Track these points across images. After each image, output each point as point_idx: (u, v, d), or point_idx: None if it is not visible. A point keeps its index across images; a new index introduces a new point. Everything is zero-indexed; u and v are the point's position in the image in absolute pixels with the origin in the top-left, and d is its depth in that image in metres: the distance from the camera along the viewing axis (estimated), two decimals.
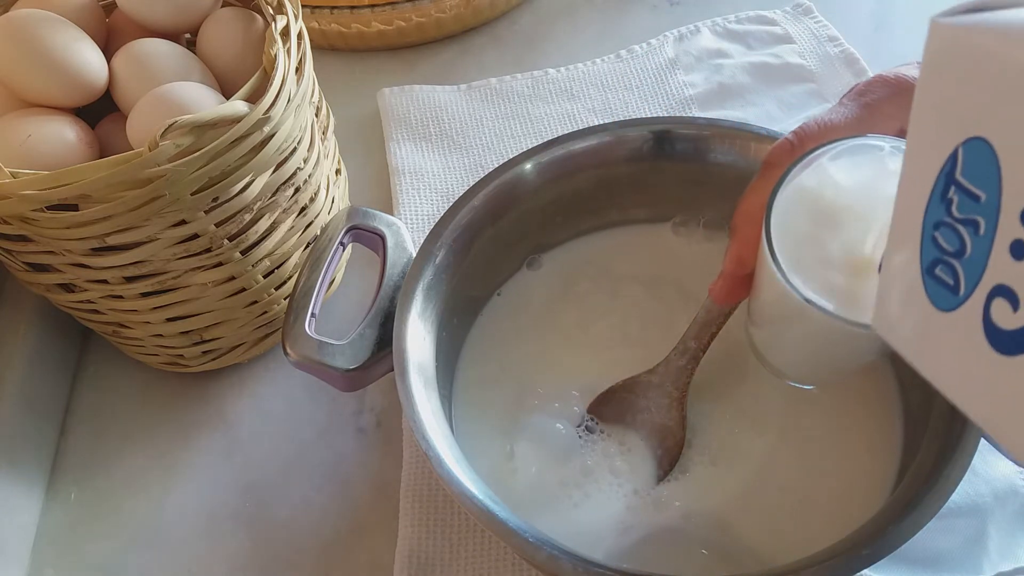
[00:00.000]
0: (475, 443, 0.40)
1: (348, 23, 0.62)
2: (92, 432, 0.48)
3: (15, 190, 0.34)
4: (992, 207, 0.19)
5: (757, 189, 0.32)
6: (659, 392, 0.40)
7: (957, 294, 0.21)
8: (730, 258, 0.33)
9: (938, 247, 0.22)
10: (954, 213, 0.21)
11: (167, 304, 0.42)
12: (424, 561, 0.40)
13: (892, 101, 0.31)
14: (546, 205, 0.45)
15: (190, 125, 0.35)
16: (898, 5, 0.65)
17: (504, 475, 0.39)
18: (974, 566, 0.38)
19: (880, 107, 0.31)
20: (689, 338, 0.39)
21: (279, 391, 0.48)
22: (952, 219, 0.21)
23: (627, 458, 0.39)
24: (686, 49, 0.62)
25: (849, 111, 0.32)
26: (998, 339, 0.20)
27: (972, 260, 0.20)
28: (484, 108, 0.60)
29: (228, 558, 0.43)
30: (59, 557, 0.44)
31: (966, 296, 0.21)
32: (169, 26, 0.44)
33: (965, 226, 0.20)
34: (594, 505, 0.38)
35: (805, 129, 0.32)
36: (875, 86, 0.32)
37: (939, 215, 0.21)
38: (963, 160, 0.20)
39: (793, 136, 0.32)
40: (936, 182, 0.21)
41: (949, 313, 0.21)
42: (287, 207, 0.43)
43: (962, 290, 0.21)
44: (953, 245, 0.21)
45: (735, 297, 0.35)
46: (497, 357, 0.44)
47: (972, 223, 0.20)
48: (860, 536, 0.32)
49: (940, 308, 0.22)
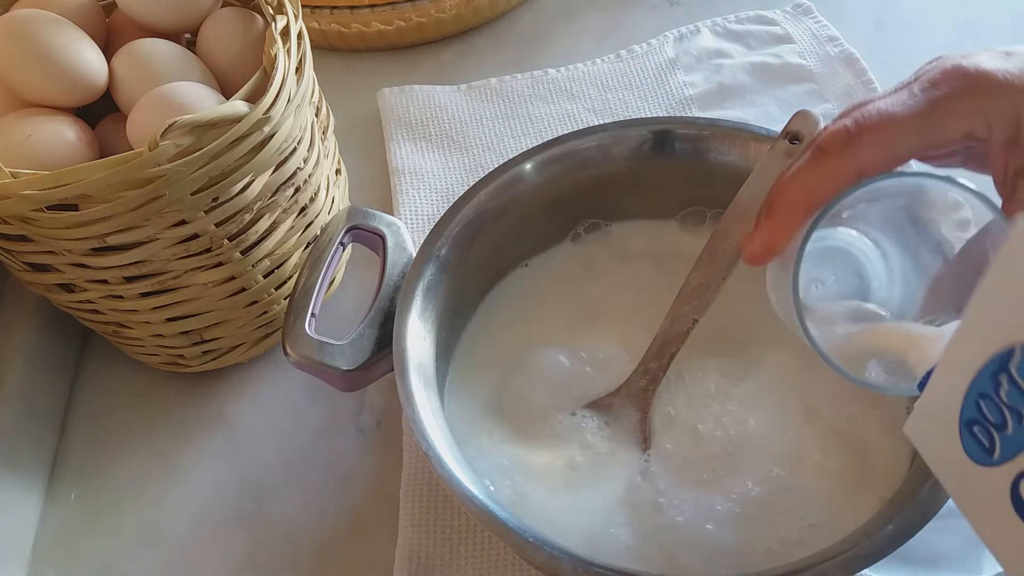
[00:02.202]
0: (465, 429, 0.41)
1: (348, 23, 0.62)
2: (92, 432, 0.48)
3: (15, 190, 0.34)
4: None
5: (805, 173, 0.30)
6: (622, 414, 0.40)
7: (991, 457, 0.21)
8: (761, 240, 0.31)
9: (980, 412, 0.22)
10: (1001, 396, 0.21)
11: (167, 304, 0.42)
12: (424, 561, 0.40)
13: (965, 100, 0.29)
14: (546, 205, 0.45)
15: (190, 125, 0.35)
16: (898, 5, 0.65)
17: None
18: (974, 566, 0.38)
19: (950, 105, 0.29)
20: (650, 359, 0.40)
21: (279, 391, 0.48)
22: (998, 399, 0.21)
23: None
24: (686, 49, 0.62)
25: (915, 102, 0.29)
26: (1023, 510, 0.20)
27: (1011, 438, 0.21)
28: (484, 108, 0.60)
29: (228, 558, 0.43)
30: (59, 557, 0.44)
31: (998, 463, 0.21)
32: (169, 26, 0.44)
33: (1010, 411, 0.21)
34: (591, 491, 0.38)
35: (865, 116, 0.29)
36: (951, 78, 0.29)
37: (985, 388, 0.21)
38: (1020, 358, 0.20)
39: (852, 123, 0.29)
40: (990, 360, 0.21)
41: (979, 466, 0.22)
42: (287, 207, 0.43)
43: (996, 456, 0.21)
44: (995, 418, 0.21)
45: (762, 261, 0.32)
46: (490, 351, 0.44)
47: (1017, 413, 0.20)
48: (860, 536, 0.32)
49: (972, 459, 0.22)
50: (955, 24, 0.63)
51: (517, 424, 0.41)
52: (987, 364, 0.21)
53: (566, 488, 0.38)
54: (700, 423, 0.40)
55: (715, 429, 0.39)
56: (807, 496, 0.38)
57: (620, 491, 0.38)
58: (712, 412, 0.40)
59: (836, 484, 0.38)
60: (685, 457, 0.39)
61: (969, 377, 0.22)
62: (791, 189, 0.30)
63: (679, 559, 0.36)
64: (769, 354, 0.41)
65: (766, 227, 0.31)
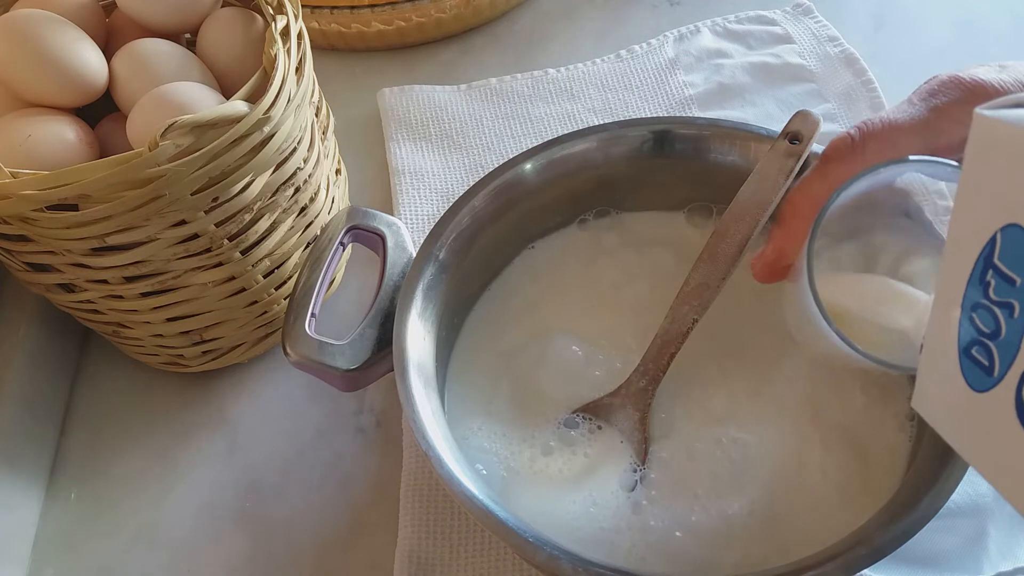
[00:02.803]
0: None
1: (348, 23, 0.62)
2: (92, 432, 0.48)
3: (15, 190, 0.34)
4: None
5: (811, 182, 0.31)
6: (622, 414, 0.40)
7: (992, 375, 0.22)
8: (773, 247, 0.33)
9: (975, 328, 0.22)
10: (991, 296, 0.21)
11: (167, 304, 0.42)
12: (424, 561, 0.40)
13: (963, 107, 0.30)
14: (546, 205, 0.45)
15: (190, 125, 0.35)
16: (898, 5, 0.65)
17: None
18: (974, 566, 0.38)
19: (949, 111, 0.30)
20: (648, 359, 0.40)
21: (279, 391, 0.49)
22: (989, 301, 0.22)
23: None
24: (686, 49, 0.62)
25: (916, 111, 0.30)
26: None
27: (1006, 342, 0.21)
28: (484, 108, 0.60)
29: (228, 558, 0.43)
30: (59, 557, 0.44)
31: (1000, 377, 0.21)
32: (169, 26, 0.44)
33: (1001, 309, 0.21)
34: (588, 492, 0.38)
35: (869, 125, 0.30)
36: (948, 88, 0.31)
37: (977, 297, 0.22)
38: (1001, 245, 0.21)
39: (856, 132, 0.31)
40: (975, 265, 0.22)
41: (983, 394, 0.22)
42: (287, 207, 0.43)
43: (996, 371, 0.22)
44: (989, 327, 0.22)
45: (773, 278, 0.34)
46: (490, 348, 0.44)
47: (1007, 306, 0.21)
48: (860, 536, 0.32)
49: (975, 389, 0.22)
50: (955, 24, 0.63)
51: (517, 424, 0.41)
52: (974, 268, 0.22)
53: (565, 488, 0.38)
54: (699, 435, 0.40)
55: (714, 447, 0.39)
56: (807, 503, 0.38)
57: (618, 492, 0.38)
58: (712, 429, 0.40)
59: (837, 489, 0.38)
60: (682, 466, 0.39)
61: (960, 292, 0.22)
62: (798, 198, 0.32)
63: (676, 561, 0.36)
64: (776, 368, 0.41)
65: (776, 236, 0.32)
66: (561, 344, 0.43)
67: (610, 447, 0.39)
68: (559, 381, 0.42)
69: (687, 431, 0.40)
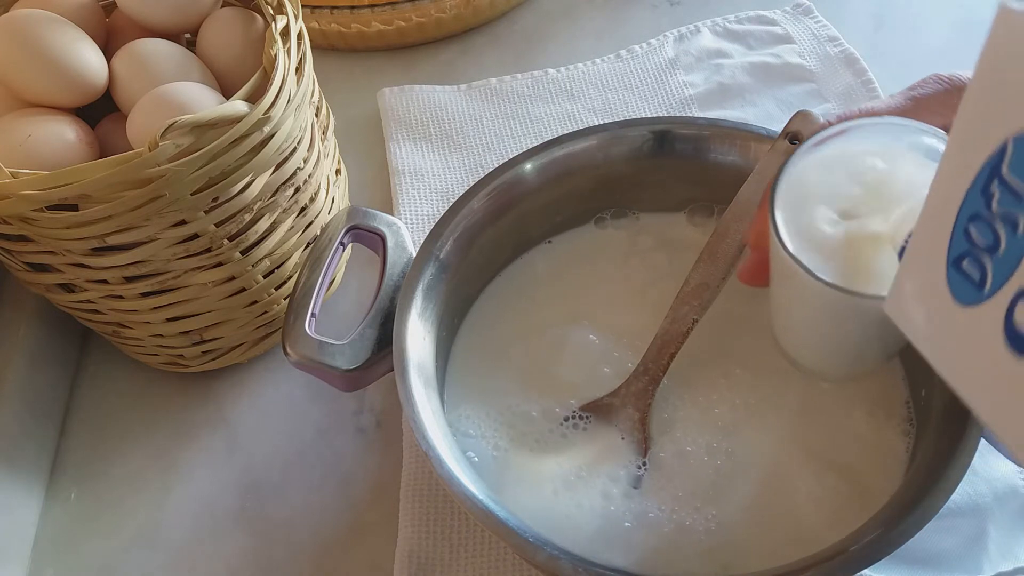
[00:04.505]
0: None
1: (348, 23, 0.62)
2: (92, 432, 0.48)
3: (15, 190, 0.34)
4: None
5: None
6: (622, 415, 0.40)
7: (981, 290, 0.20)
8: (752, 232, 0.33)
9: (970, 240, 0.21)
10: (993, 208, 0.20)
11: (167, 304, 0.42)
12: (424, 561, 0.40)
13: (941, 98, 0.31)
14: (546, 205, 0.45)
15: (190, 125, 0.35)
16: (898, 5, 0.65)
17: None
18: (974, 566, 0.38)
19: (928, 102, 0.31)
20: (648, 360, 0.40)
21: (279, 391, 0.49)
22: (990, 214, 0.20)
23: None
24: (686, 49, 0.62)
25: (895, 101, 0.32)
26: (1018, 342, 0.19)
27: (1004, 258, 0.20)
28: (484, 108, 0.60)
29: (228, 558, 0.43)
30: (59, 557, 0.44)
31: (990, 293, 0.20)
32: (169, 26, 0.44)
33: (1003, 222, 0.20)
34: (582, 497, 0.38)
35: (848, 115, 0.31)
36: (927, 82, 0.32)
37: (976, 208, 0.20)
38: (1012, 154, 0.19)
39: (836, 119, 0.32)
40: (979, 173, 0.20)
41: (968, 307, 0.21)
42: (287, 207, 0.43)
43: (987, 287, 0.20)
44: (986, 240, 0.20)
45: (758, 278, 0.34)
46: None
47: (1011, 221, 0.19)
48: (860, 536, 0.32)
49: (960, 301, 0.21)
50: (955, 24, 0.63)
51: (517, 424, 0.41)
52: (978, 175, 0.20)
53: (565, 487, 0.38)
54: (701, 435, 0.40)
55: (716, 448, 0.39)
56: (807, 504, 0.38)
57: (618, 492, 0.38)
58: (713, 430, 0.40)
59: (836, 490, 0.38)
60: (683, 466, 0.39)
61: (959, 199, 0.21)
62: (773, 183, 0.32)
63: (676, 561, 0.36)
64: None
65: (756, 220, 0.33)
66: (562, 344, 0.43)
67: (610, 447, 0.39)
68: (560, 381, 0.42)
69: (689, 431, 0.40)
